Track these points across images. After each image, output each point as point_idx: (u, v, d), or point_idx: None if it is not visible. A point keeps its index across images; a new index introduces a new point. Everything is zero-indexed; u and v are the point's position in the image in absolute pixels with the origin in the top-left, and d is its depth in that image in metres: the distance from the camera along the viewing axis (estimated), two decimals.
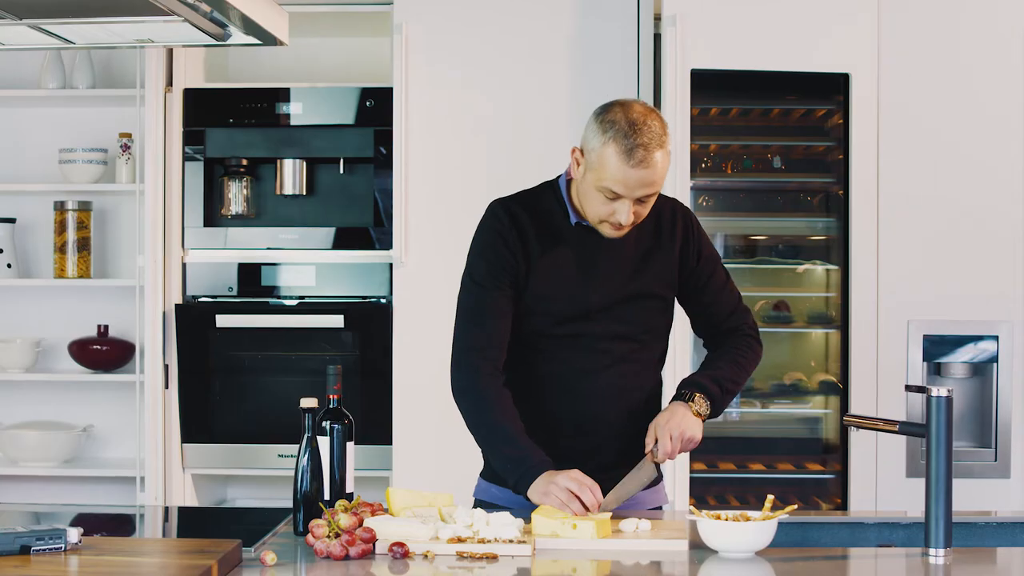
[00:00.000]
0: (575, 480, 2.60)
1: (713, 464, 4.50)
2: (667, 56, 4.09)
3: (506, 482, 2.74)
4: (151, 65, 4.46)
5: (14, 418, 4.78)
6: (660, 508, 2.90)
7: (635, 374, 2.83)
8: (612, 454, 2.82)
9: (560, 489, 2.59)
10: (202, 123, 4.54)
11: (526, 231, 2.78)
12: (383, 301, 4.48)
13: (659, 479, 2.83)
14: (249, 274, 4.54)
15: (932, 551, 2.42)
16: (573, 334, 2.78)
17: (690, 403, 2.76)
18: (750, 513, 2.46)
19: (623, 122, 2.62)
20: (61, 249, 4.67)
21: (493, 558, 2.38)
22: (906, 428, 2.54)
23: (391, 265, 4.39)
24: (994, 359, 4.21)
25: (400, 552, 2.38)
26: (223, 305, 4.51)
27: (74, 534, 2.29)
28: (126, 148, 4.66)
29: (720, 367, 2.85)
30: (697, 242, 2.86)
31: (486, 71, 4.33)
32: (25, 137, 4.86)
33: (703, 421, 2.76)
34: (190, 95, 4.54)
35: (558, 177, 2.85)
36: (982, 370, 4.25)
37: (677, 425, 2.71)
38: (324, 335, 4.48)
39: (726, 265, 2.88)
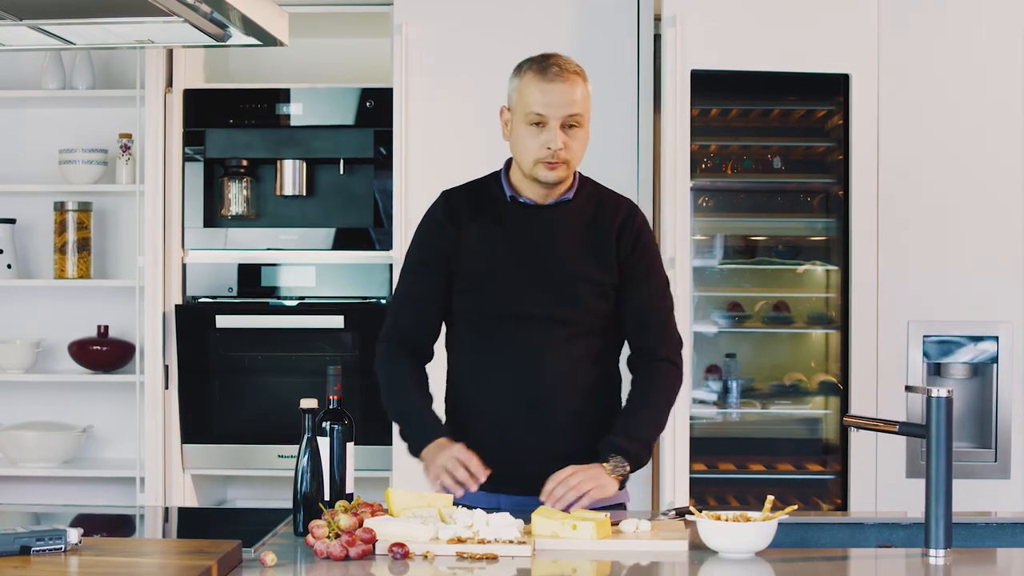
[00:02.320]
0: (452, 457, 2.72)
1: (713, 464, 4.50)
2: (667, 56, 4.09)
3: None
4: (151, 66, 4.46)
5: (14, 419, 4.77)
6: (623, 507, 2.90)
7: (581, 360, 2.85)
8: (562, 439, 2.83)
9: (436, 467, 2.73)
10: (202, 123, 4.54)
11: (460, 213, 2.89)
12: (383, 301, 4.48)
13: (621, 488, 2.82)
14: (249, 275, 4.54)
15: (932, 552, 2.42)
16: (514, 315, 2.82)
17: (603, 464, 2.74)
18: (750, 514, 2.46)
19: (535, 56, 2.84)
20: (61, 249, 4.67)
21: (493, 559, 2.38)
22: (906, 428, 2.54)
23: (391, 265, 4.39)
24: (994, 359, 4.21)
25: (400, 553, 2.38)
26: (223, 306, 4.51)
27: (74, 534, 2.30)
28: (126, 148, 4.66)
29: (637, 413, 2.84)
30: (635, 235, 2.88)
31: (486, 71, 4.32)
32: (25, 137, 4.86)
33: (621, 478, 2.75)
34: (190, 95, 4.53)
35: (506, 164, 2.94)
36: (982, 370, 4.25)
37: (578, 479, 2.68)
38: (324, 336, 4.48)
39: (726, 266, 2.89)
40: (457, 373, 2.94)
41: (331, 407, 2.62)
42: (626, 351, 2.96)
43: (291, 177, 4.53)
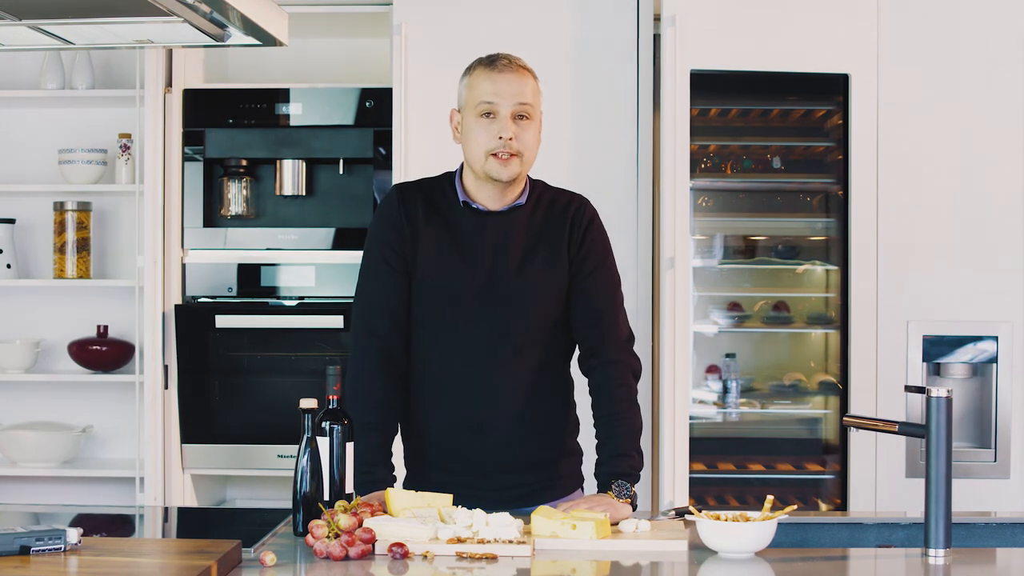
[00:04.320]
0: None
1: (713, 464, 4.50)
2: (667, 56, 4.09)
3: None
4: (151, 65, 4.46)
5: (13, 418, 4.77)
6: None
7: (533, 367, 2.82)
8: (517, 449, 2.83)
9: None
10: (202, 123, 4.53)
11: (415, 212, 2.84)
12: None
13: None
14: (249, 274, 4.54)
15: (932, 552, 2.42)
16: (464, 325, 2.79)
17: (609, 493, 2.72)
18: (750, 513, 2.46)
19: (482, 56, 2.84)
20: (61, 249, 4.67)
21: (493, 558, 2.38)
22: (906, 428, 2.54)
23: None
24: (994, 359, 4.21)
25: (400, 553, 2.38)
26: (223, 305, 4.51)
27: (74, 534, 2.30)
28: (126, 148, 4.66)
29: (613, 430, 2.79)
30: (583, 229, 2.85)
31: None
32: (25, 137, 4.86)
33: (630, 500, 2.72)
34: (190, 95, 4.53)
35: (460, 167, 2.89)
36: (982, 370, 4.25)
37: (589, 505, 2.66)
38: (324, 335, 4.48)
39: (726, 265, 2.86)
40: (414, 377, 2.87)
41: (331, 407, 2.62)
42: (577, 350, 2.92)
43: (291, 177, 4.54)
